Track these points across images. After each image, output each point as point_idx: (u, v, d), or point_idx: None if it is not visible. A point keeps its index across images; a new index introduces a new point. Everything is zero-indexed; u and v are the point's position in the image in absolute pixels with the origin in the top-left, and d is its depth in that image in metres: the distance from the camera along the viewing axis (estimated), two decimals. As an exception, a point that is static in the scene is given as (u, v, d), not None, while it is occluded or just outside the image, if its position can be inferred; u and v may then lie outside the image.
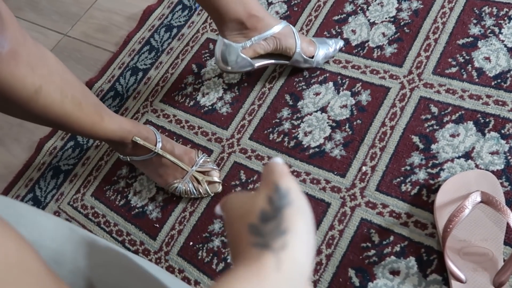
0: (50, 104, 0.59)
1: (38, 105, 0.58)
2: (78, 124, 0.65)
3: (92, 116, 0.67)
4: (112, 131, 0.71)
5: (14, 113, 0.62)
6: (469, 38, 0.75)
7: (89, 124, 0.67)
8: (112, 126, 0.71)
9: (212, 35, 0.99)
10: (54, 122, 0.62)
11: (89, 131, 0.68)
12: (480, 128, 0.67)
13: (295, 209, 0.27)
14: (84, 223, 0.83)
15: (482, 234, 0.57)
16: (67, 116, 0.63)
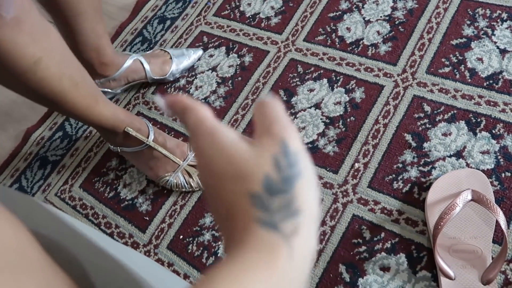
0: (48, 78, 0.58)
1: (36, 78, 0.57)
2: (73, 104, 0.64)
3: (87, 98, 0.66)
4: (105, 118, 0.70)
5: (10, 85, 0.60)
6: (462, 39, 0.76)
7: (83, 106, 0.65)
8: (106, 113, 0.70)
9: (207, 28, 0.98)
10: (49, 98, 0.61)
11: (82, 113, 0.66)
12: (472, 128, 0.67)
13: (306, 183, 0.22)
14: (72, 215, 0.82)
15: (472, 232, 0.58)
16: (63, 94, 0.61)
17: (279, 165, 0.22)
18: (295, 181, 0.22)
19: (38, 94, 0.60)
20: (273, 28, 0.91)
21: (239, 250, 0.20)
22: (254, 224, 0.21)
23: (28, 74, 0.56)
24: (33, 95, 0.62)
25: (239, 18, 0.96)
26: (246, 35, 0.92)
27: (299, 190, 0.22)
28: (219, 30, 0.96)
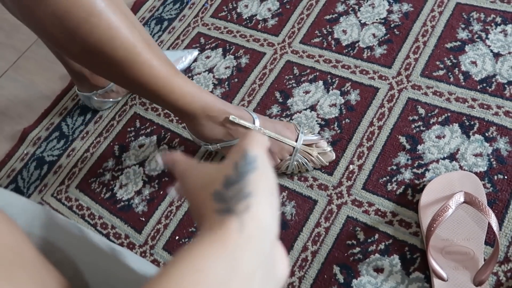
0: (115, 25, 0.51)
1: (102, 23, 0.50)
2: (150, 68, 0.55)
3: (164, 64, 0.57)
4: (190, 95, 0.60)
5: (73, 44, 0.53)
6: (457, 42, 0.77)
7: (163, 73, 0.56)
8: (190, 88, 0.61)
9: (204, 29, 0.98)
10: (121, 58, 0.53)
11: (164, 86, 0.57)
12: (465, 131, 0.68)
13: (259, 173, 0.25)
14: (68, 216, 0.82)
15: (464, 233, 0.58)
16: (135, 52, 0.54)
17: (237, 165, 0.26)
18: (250, 173, 0.25)
19: (105, 49, 0.52)
20: (270, 30, 0.92)
21: (200, 234, 0.23)
22: (213, 214, 0.24)
23: (92, 18, 0.49)
24: (101, 56, 0.54)
25: (236, 19, 0.96)
26: (242, 37, 0.93)
27: (252, 179, 0.25)
28: (216, 32, 0.96)
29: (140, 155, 0.84)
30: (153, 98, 0.61)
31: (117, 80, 0.62)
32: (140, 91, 0.61)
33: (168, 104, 0.61)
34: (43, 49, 1.09)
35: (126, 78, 0.57)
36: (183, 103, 0.61)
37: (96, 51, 0.53)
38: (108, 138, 0.89)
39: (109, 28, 0.51)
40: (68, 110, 0.98)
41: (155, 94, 0.59)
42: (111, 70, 0.56)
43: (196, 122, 0.64)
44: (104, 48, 0.52)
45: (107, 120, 0.92)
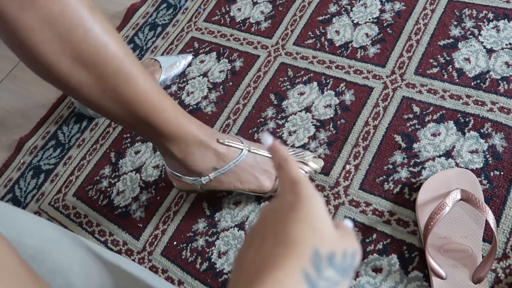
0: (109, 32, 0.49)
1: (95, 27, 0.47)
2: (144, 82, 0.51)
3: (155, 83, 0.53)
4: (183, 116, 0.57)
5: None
6: (449, 39, 0.77)
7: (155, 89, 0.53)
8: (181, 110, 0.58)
9: (197, 33, 0.98)
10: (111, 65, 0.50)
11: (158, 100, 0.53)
12: (460, 128, 0.68)
13: (349, 280, 0.27)
14: (66, 224, 0.82)
15: (462, 231, 0.58)
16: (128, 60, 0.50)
17: (345, 254, 0.27)
18: (347, 277, 0.26)
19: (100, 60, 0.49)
20: (263, 33, 0.92)
21: (275, 283, 0.24)
22: (300, 273, 0.24)
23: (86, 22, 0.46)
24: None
25: (229, 23, 0.96)
26: (236, 40, 0.93)
27: (345, 284, 0.26)
28: (209, 36, 0.96)
29: (137, 161, 0.84)
30: (142, 122, 0.55)
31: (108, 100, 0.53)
32: (130, 114, 0.54)
33: (159, 128, 0.56)
34: (38, 58, 1.09)
35: (119, 95, 0.52)
36: (174, 125, 0.57)
37: (89, 60, 0.49)
38: (104, 145, 0.89)
39: (101, 35, 0.49)
40: (64, 118, 0.98)
41: (147, 114, 0.54)
42: (104, 86, 0.51)
43: (187, 149, 0.60)
44: (98, 55, 0.49)
45: (103, 127, 0.92)
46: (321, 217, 0.28)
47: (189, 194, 0.76)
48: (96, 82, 0.50)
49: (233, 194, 0.74)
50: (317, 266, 0.25)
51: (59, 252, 0.29)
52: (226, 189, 0.66)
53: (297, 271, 0.24)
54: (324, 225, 0.27)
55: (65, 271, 0.28)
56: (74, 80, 0.49)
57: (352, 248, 0.28)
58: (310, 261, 0.25)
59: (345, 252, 0.27)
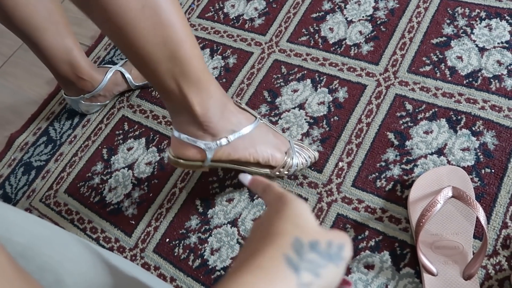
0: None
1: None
2: (183, 19, 0.49)
3: (183, 13, 0.51)
4: (206, 66, 0.55)
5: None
6: (442, 38, 0.77)
7: (189, 30, 0.51)
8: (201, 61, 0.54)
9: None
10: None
11: (192, 39, 0.51)
12: (452, 125, 0.68)
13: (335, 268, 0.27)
14: (57, 221, 0.81)
15: (453, 228, 0.59)
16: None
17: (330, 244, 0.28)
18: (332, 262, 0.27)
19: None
20: (257, 30, 0.91)
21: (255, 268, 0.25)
22: (282, 258, 0.26)
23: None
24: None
25: (223, 19, 0.96)
26: (230, 37, 0.93)
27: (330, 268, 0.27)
28: (203, 32, 0.96)
29: (129, 158, 0.83)
30: (173, 55, 0.51)
31: (144, 22, 0.48)
32: (165, 44, 0.50)
33: (189, 63, 0.53)
34: (29, 54, 1.08)
35: (155, 16, 0.48)
36: (203, 67, 0.54)
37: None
38: (96, 142, 0.88)
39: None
40: (55, 114, 0.97)
41: (181, 43, 0.51)
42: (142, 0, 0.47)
43: (208, 102, 0.56)
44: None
45: (95, 124, 0.91)
46: (304, 215, 0.29)
47: (182, 191, 0.76)
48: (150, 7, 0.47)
49: (226, 191, 0.74)
50: (298, 251, 0.26)
51: (49, 249, 0.29)
52: (240, 158, 0.62)
53: (278, 256, 0.26)
54: (306, 222, 0.29)
55: (55, 268, 0.28)
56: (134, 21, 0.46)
57: (339, 240, 0.29)
58: (291, 246, 0.26)
59: (330, 242, 0.28)
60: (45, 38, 0.78)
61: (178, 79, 0.53)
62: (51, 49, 0.79)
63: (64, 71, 0.83)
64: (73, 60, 0.82)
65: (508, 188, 0.61)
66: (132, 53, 0.51)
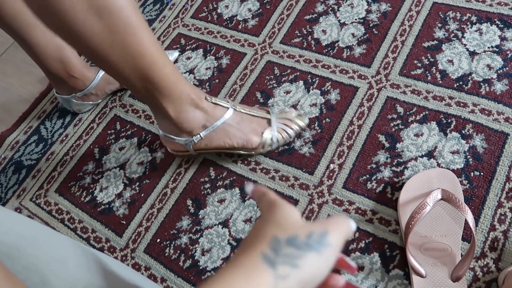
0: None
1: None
2: (149, 37, 0.54)
3: (156, 41, 0.56)
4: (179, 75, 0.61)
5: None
6: (434, 41, 0.78)
7: (158, 46, 0.56)
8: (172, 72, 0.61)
9: (184, 30, 0.97)
10: (122, 15, 0.51)
11: (160, 55, 0.56)
12: (443, 128, 0.69)
13: (319, 258, 0.28)
14: (47, 220, 0.81)
15: (442, 230, 0.59)
16: (139, 15, 0.52)
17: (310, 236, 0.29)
18: (312, 251, 0.28)
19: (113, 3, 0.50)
20: (250, 30, 0.91)
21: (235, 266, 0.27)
22: (259, 255, 0.27)
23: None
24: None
25: (217, 20, 0.96)
26: (223, 37, 0.93)
27: (310, 257, 0.28)
28: (196, 32, 0.96)
29: (121, 157, 0.83)
30: (143, 76, 0.58)
31: (115, 53, 0.55)
32: (134, 67, 0.57)
33: (158, 83, 0.59)
34: (20, 52, 1.07)
35: (126, 48, 0.54)
36: (172, 82, 0.61)
37: (103, 10, 0.50)
38: (88, 141, 0.88)
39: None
40: (47, 113, 0.96)
41: (149, 68, 0.57)
42: (112, 38, 0.53)
43: (181, 106, 0.64)
44: (111, 7, 0.50)
45: (86, 123, 0.91)
46: (288, 216, 0.30)
47: (173, 191, 0.76)
48: (107, 32, 0.52)
49: (217, 192, 0.74)
50: (275, 248, 0.27)
51: (35, 250, 0.29)
52: (216, 146, 0.70)
53: (256, 254, 0.27)
54: (288, 221, 0.30)
55: (40, 269, 0.28)
56: (86, 28, 0.51)
57: (321, 229, 0.29)
58: (269, 245, 0.28)
59: (311, 233, 0.29)
60: (35, 35, 0.77)
61: (152, 92, 0.61)
62: (42, 46, 0.79)
63: (55, 69, 0.82)
64: (64, 57, 0.82)
65: (496, 191, 0.62)
66: (107, 71, 0.59)
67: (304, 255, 0.27)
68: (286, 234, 0.28)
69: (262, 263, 0.26)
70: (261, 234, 0.29)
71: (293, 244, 0.28)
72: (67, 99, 0.88)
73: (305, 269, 0.27)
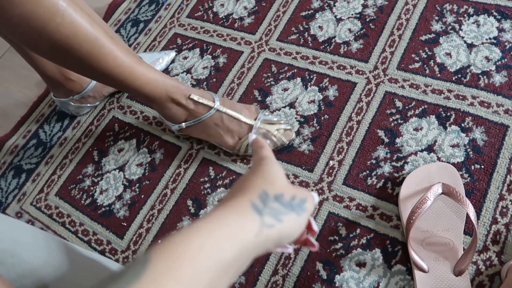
0: (77, 22, 0.56)
1: (65, 21, 0.55)
2: (114, 58, 0.61)
3: (128, 54, 0.63)
4: (154, 80, 0.66)
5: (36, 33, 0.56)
6: (431, 34, 0.77)
7: (126, 63, 0.62)
8: (153, 75, 0.66)
9: (180, 30, 0.97)
10: (86, 50, 0.58)
11: (129, 72, 0.63)
12: (442, 122, 0.68)
13: (298, 219, 0.33)
14: (48, 224, 0.80)
15: (444, 224, 0.59)
16: (99, 43, 0.59)
17: (294, 198, 0.33)
18: (294, 212, 0.32)
19: (71, 44, 0.57)
20: (247, 28, 0.91)
21: (226, 208, 0.30)
22: (249, 203, 0.30)
23: (56, 17, 0.54)
24: (66, 46, 0.58)
25: (213, 19, 0.96)
26: (219, 36, 0.92)
27: (292, 217, 0.32)
28: (192, 32, 0.95)
29: (120, 159, 0.83)
30: (121, 86, 0.66)
31: (87, 73, 0.66)
32: (108, 81, 0.66)
33: (136, 91, 0.67)
34: (17, 57, 1.07)
35: (94, 70, 0.62)
36: (148, 89, 0.67)
37: (63, 47, 0.57)
38: (86, 144, 0.88)
39: (72, 24, 0.56)
40: (45, 117, 0.96)
41: (122, 82, 0.64)
42: (80, 64, 0.61)
43: (162, 105, 0.70)
44: (70, 43, 0.57)
45: (85, 126, 0.90)
46: (275, 173, 0.34)
47: (173, 192, 0.75)
48: (74, 61, 0.61)
49: (217, 191, 0.73)
50: (264, 200, 0.31)
51: (29, 255, 0.29)
52: (197, 137, 0.77)
53: (246, 202, 0.31)
54: (275, 178, 0.34)
55: (36, 275, 0.28)
56: (56, 61, 0.63)
57: (302, 195, 0.34)
58: (258, 196, 0.31)
59: (294, 196, 0.33)
60: None
61: (135, 96, 0.72)
62: None
63: (51, 72, 0.82)
64: None
65: (497, 183, 0.62)
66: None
67: (288, 213, 0.32)
68: (274, 190, 0.32)
69: (251, 210, 0.30)
70: (251, 185, 0.32)
71: (279, 201, 0.32)
72: (65, 102, 0.88)
73: (285, 225, 0.31)
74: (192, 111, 0.71)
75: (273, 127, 0.72)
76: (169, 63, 0.92)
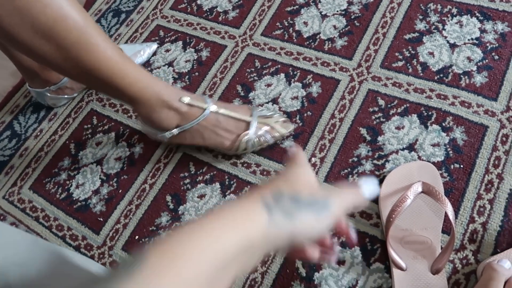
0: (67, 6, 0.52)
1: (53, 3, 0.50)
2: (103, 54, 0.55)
3: (117, 49, 0.57)
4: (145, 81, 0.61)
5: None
6: (415, 33, 0.77)
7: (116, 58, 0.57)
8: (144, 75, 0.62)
9: (163, 22, 0.95)
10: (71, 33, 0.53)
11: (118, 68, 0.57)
12: (423, 121, 0.69)
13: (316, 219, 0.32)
14: (21, 218, 0.78)
15: (422, 223, 0.59)
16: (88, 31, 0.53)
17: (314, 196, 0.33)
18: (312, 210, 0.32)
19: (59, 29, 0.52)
20: (231, 22, 0.90)
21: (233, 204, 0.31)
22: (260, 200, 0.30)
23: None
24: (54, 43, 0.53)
25: (196, 11, 0.94)
26: (203, 29, 0.91)
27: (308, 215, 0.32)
28: (175, 24, 0.94)
29: (98, 153, 0.81)
30: (106, 86, 0.60)
31: (71, 68, 0.58)
32: (93, 79, 0.59)
33: (122, 91, 0.61)
34: (-8, 43, 1.03)
35: (80, 63, 0.56)
36: (137, 89, 0.61)
37: (49, 32, 0.52)
38: (63, 136, 0.85)
39: (61, 7, 0.51)
40: (20, 107, 0.93)
41: (109, 80, 0.58)
42: (65, 55, 0.55)
43: (151, 109, 0.64)
44: (57, 27, 0.52)
45: (62, 118, 0.88)
46: (298, 175, 0.34)
47: (152, 187, 0.74)
48: (57, 52, 0.54)
49: (197, 187, 0.72)
50: (277, 198, 0.31)
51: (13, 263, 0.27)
52: (190, 143, 0.70)
53: (257, 197, 0.31)
54: (297, 179, 0.33)
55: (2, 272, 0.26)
56: (37, 50, 0.54)
57: (325, 196, 0.33)
58: (272, 194, 0.31)
59: (314, 195, 0.32)
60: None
61: (121, 98, 0.63)
62: None
63: (26, 61, 0.79)
64: None
65: (476, 183, 0.62)
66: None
67: (302, 211, 0.31)
68: (292, 190, 0.32)
69: (261, 207, 0.30)
70: (269, 184, 0.33)
71: (294, 200, 0.31)
72: (41, 93, 0.85)
73: (298, 225, 0.30)
74: (185, 114, 0.66)
75: (271, 121, 0.70)
76: (151, 56, 0.90)
